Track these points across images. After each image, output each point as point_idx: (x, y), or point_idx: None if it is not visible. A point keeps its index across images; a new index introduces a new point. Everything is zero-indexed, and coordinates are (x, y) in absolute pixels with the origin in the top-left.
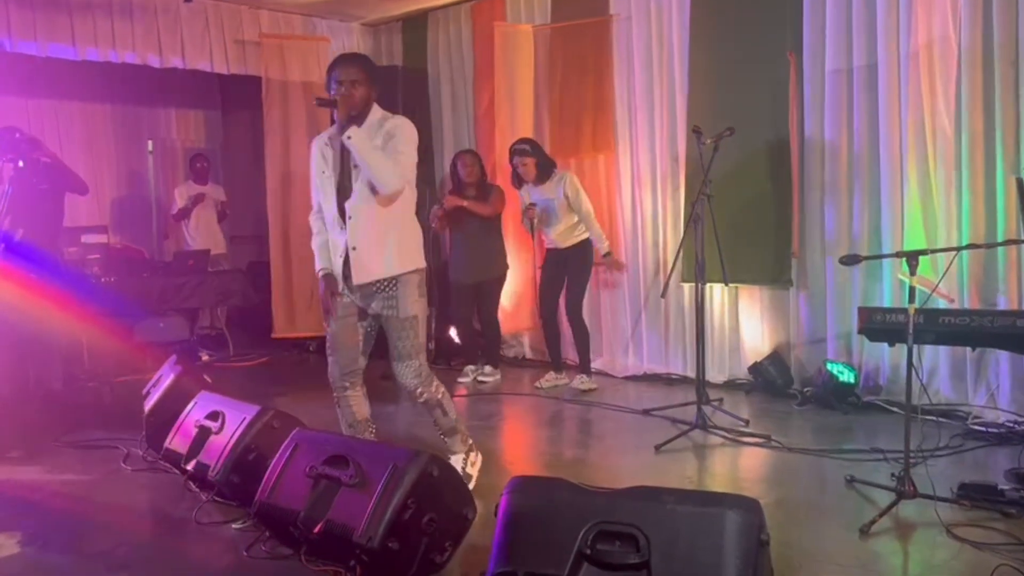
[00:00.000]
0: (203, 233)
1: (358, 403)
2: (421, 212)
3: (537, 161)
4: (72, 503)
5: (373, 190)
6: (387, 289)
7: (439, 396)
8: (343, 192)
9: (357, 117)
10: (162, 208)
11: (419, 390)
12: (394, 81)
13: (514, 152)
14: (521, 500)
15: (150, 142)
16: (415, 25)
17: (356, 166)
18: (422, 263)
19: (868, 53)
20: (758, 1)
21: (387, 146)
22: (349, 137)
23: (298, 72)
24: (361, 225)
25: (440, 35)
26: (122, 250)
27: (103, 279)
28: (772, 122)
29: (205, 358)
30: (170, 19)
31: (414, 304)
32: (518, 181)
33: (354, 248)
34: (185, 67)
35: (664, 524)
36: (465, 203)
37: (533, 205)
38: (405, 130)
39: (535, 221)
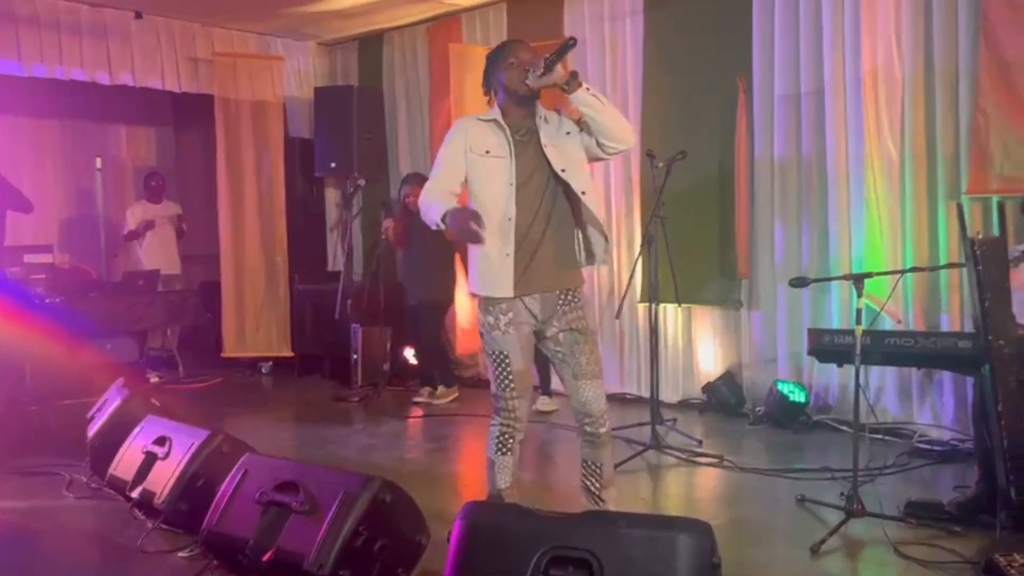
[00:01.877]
0: (157, 252)
1: None
2: (377, 231)
3: None
4: (13, 531)
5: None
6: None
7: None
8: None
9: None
10: (110, 227)
11: (605, 417)
12: (349, 101)
13: None
14: (475, 525)
15: (99, 159)
16: (371, 45)
17: (546, 146)
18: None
19: (815, 79)
20: (709, 27)
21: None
22: (588, 88)
23: (251, 91)
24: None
25: (396, 55)
26: (69, 270)
27: (48, 299)
28: (721, 146)
29: (154, 380)
30: (120, 36)
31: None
32: None
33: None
34: (135, 84)
35: (617, 548)
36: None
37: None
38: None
39: None
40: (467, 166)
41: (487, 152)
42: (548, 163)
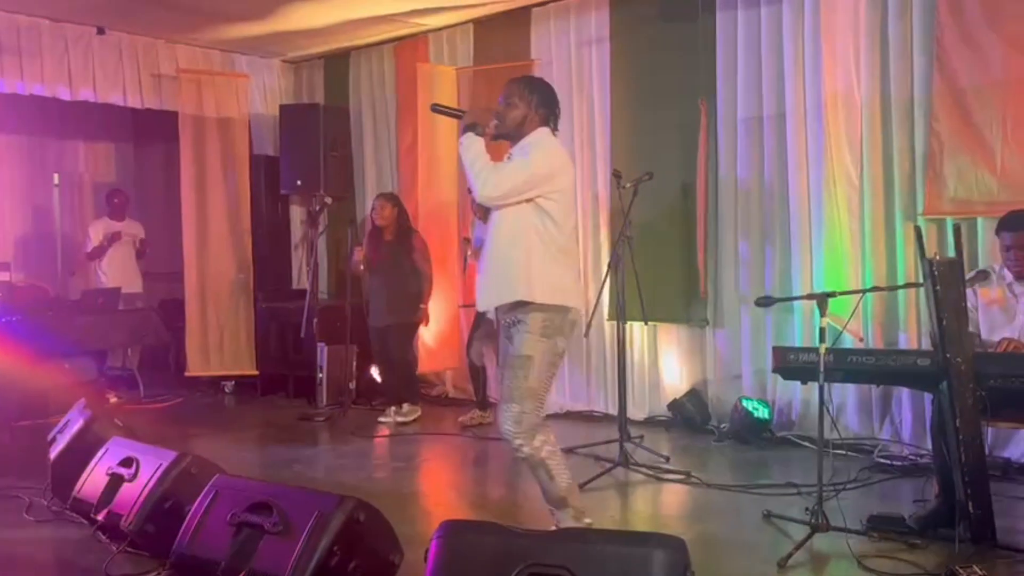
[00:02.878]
0: (117, 270)
1: None
2: (343, 249)
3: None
4: None
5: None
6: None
7: (542, 455)
8: None
9: (511, 136)
10: (68, 244)
11: (517, 440)
12: (315, 118)
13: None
14: (451, 544)
15: (56, 175)
16: (337, 63)
17: None
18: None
19: (778, 103)
20: (673, 49)
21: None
22: (462, 143)
23: (216, 108)
24: None
25: (362, 73)
26: (25, 287)
27: (4, 317)
28: (685, 167)
29: (114, 400)
30: (81, 51)
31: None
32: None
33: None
34: (97, 100)
35: (593, 565)
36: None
37: (467, 240)
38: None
39: (468, 255)
40: None
41: None
42: None
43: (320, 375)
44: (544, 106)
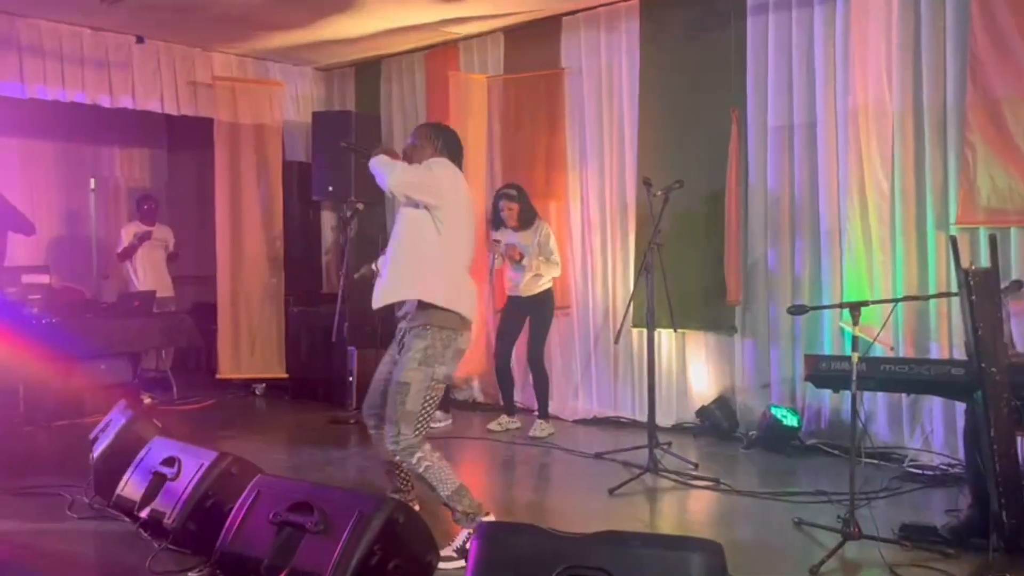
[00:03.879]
0: (150, 275)
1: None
2: (374, 258)
3: (521, 208)
4: (19, 552)
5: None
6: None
7: (420, 469)
8: None
9: None
10: (103, 248)
11: (397, 458)
12: (347, 126)
13: (500, 195)
14: (491, 544)
15: (92, 180)
16: (368, 71)
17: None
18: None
19: (808, 112)
20: (703, 59)
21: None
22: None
23: (250, 115)
24: None
25: (393, 81)
26: (63, 290)
27: (44, 319)
28: (714, 175)
29: (148, 401)
30: (122, 59)
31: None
32: (497, 222)
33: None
34: (136, 107)
35: (631, 567)
36: None
37: (498, 241)
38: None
39: (496, 256)
40: None
41: None
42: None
43: (350, 378)
44: (448, 149)
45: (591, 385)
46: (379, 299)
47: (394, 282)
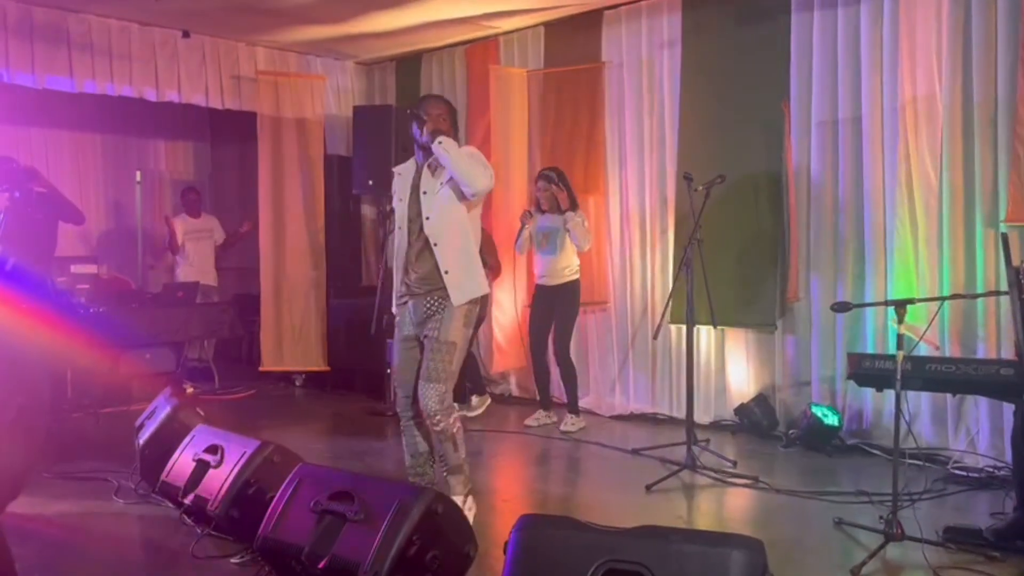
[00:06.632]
0: (196, 264)
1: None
2: None
3: (552, 193)
4: (68, 534)
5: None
6: (439, 312)
7: (454, 430)
8: (414, 218)
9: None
10: (148, 238)
11: (437, 416)
12: (387, 120)
13: (540, 176)
14: (530, 537)
15: (138, 172)
16: (409, 65)
17: (425, 192)
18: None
19: (854, 106)
20: (745, 52)
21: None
22: (440, 143)
23: (293, 109)
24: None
25: (434, 75)
26: (110, 280)
27: (92, 308)
28: (765, 169)
29: (190, 390)
30: (168, 54)
31: (457, 330)
32: (536, 203)
33: (447, 272)
34: (181, 101)
35: (671, 563)
36: None
37: (530, 214)
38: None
39: (526, 226)
40: None
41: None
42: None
43: (388, 371)
44: (456, 130)
45: (628, 381)
46: (460, 297)
47: (468, 282)
